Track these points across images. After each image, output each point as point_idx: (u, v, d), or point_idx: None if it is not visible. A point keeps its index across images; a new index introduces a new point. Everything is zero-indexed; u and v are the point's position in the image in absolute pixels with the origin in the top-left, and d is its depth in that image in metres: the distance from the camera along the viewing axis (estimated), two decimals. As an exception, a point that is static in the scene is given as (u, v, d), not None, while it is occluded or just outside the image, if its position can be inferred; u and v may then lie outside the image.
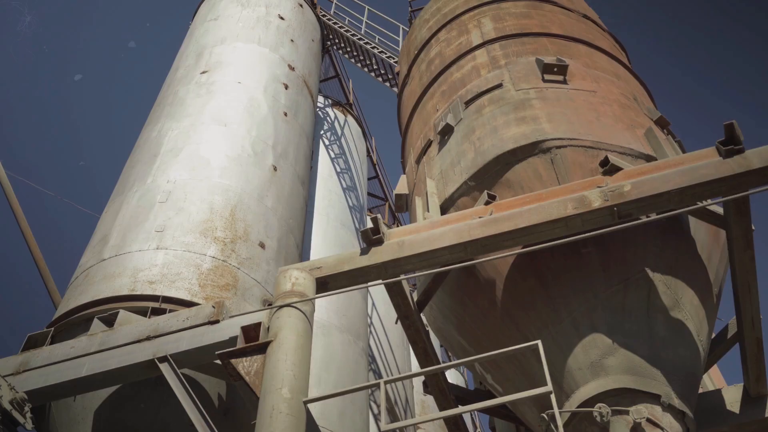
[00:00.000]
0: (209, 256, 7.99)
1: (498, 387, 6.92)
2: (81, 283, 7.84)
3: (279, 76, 12.03)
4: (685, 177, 6.03)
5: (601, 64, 8.57)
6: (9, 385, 5.55)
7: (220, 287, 7.73)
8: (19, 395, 5.55)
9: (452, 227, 6.34)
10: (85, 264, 8.17)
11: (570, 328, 6.16)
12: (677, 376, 6.08)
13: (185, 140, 9.71)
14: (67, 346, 6.55)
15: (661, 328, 6.25)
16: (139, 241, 8.06)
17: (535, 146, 6.92)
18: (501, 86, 7.91)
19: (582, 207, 6.08)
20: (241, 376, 5.52)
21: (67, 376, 6.20)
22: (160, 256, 7.82)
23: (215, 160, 9.40)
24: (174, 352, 6.09)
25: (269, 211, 9.25)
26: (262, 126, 10.56)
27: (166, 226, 8.22)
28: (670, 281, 6.45)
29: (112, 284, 7.51)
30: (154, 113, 11.05)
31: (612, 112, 7.45)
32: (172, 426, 6.81)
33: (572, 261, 6.39)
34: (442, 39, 9.85)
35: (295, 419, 5.03)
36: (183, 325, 6.31)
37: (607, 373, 5.95)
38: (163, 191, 8.78)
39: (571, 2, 10.30)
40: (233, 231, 8.48)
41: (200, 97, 10.71)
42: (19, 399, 5.53)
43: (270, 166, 9.97)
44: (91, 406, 6.79)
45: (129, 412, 6.74)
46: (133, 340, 6.33)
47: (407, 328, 6.98)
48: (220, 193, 8.88)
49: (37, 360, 6.48)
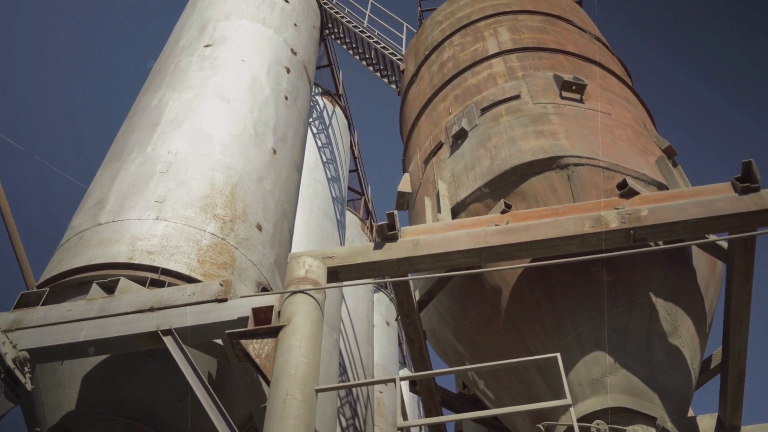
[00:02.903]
0: (209, 232, 7.87)
1: (490, 394, 6.99)
2: (75, 245, 7.64)
3: (282, 59, 11.91)
4: (702, 209, 6.18)
5: (614, 87, 8.72)
6: (11, 343, 5.38)
7: (218, 265, 7.62)
8: (21, 354, 5.39)
9: (468, 231, 6.38)
10: (79, 226, 7.96)
11: (574, 344, 6.26)
12: (672, 400, 6.23)
13: (187, 112, 9.54)
14: (64, 308, 6.39)
15: (659, 352, 6.39)
16: (138, 209, 7.89)
17: (553, 161, 7.01)
18: (519, 97, 7.98)
19: (599, 226, 6.18)
20: (251, 358, 5.47)
21: (63, 339, 6.04)
22: (160, 227, 7.67)
23: (217, 137, 9.26)
24: (179, 326, 5.99)
25: (267, 194, 9.16)
26: (264, 108, 10.43)
27: (166, 197, 8.06)
28: (671, 308, 6.61)
29: (110, 250, 7.34)
30: (153, 80, 10.83)
31: (626, 136, 7.59)
32: (161, 401, 6.69)
33: (581, 278, 6.49)
34: (456, 43, 9.88)
35: (308, 407, 5.00)
36: (189, 300, 6.22)
37: (607, 391, 6.06)
38: (163, 161, 8.61)
39: (583, 23, 10.45)
40: (233, 210, 8.37)
41: (203, 71, 10.53)
42: (21, 358, 5.37)
43: (270, 148, 9.87)
44: (79, 372, 6.62)
45: (118, 383, 6.60)
46: (135, 310, 6.20)
47: (407, 326, 7.00)
48: (221, 170, 8.76)
49: (32, 319, 6.30)
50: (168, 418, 6.69)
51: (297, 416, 4.87)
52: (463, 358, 7.25)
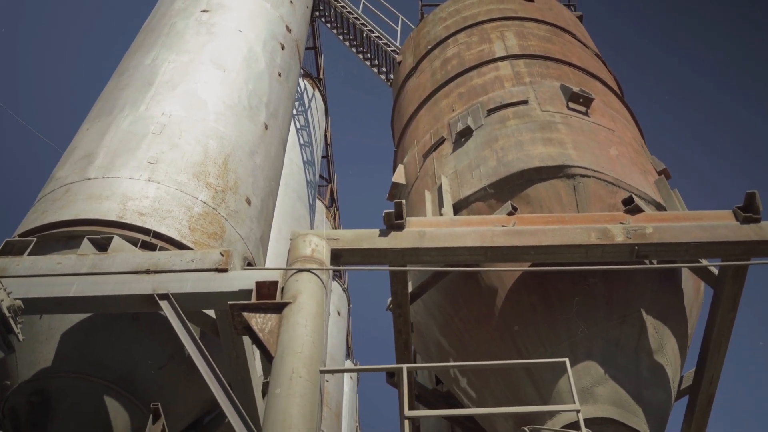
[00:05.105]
0: (200, 200, 7.68)
1: (472, 393, 6.99)
2: (60, 197, 7.35)
3: (277, 34, 11.71)
4: (705, 233, 6.31)
5: (615, 105, 8.85)
6: (5, 290, 5.13)
7: (209, 235, 7.44)
8: (16, 303, 5.15)
9: (475, 229, 6.37)
10: (65, 178, 7.66)
11: (567, 351, 6.32)
12: (653, 416, 6.35)
13: (183, 76, 9.29)
14: (53, 260, 6.14)
15: (645, 368, 6.51)
16: (130, 168, 7.64)
17: (560, 169, 7.06)
18: (527, 103, 8.02)
19: (605, 239, 6.26)
20: (253, 331, 5.35)
21: (52, 293, 5.81)
22: (152, 188, 7.44)
23: (212, 104, 9.04)
24: (177, 291, 5.82)
25: (258, 168, 8.99)
26: (259, 81, 10.24)
27: (159, 160, 7.83)
28: (659, 326, 6.73)
29: (99, 206, 7.08)
30: (146, 39, 10.50)
31: (628, 154, 7.70)
32: (141, 366, 6.50)
33: (579, 287, 6.56)
34: (461, 41, 9.88)
35: (313, 386, 4.92)
36: (187, 267, 6.05)
37: (596, 401, 6.13)
38: (157, 123, 8.36)
39: (585, 39, 10.58)
40: (225, 180, 8.19)
41: (200, 36, 10.27)
42: (16, 307, 5.12)
43: (262, 123, 9.69)
44: (58, 328, 6.37)
45: (99, 343, 6.37)
46: (130, 270, 6.00)
47: (397, 316, 6.95)
48: (215, 138, 8.55)
49: (18, 269, 6.03)
50: (147, 385, 6.50)
51: (303, 395, 4.78)
52: (447, 354, 7.25)
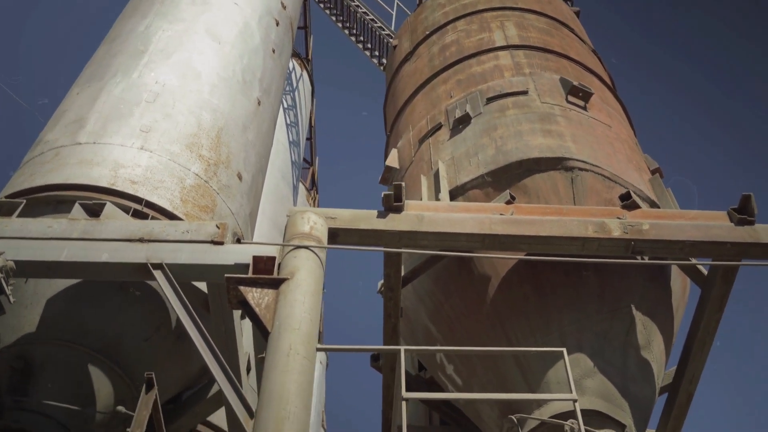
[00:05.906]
0: (193, 172, 7.55)
1: (457, 380, 6.99)
2: (50, 160, 7.18)
3: (272, 10, 11.55)
4: (700, 232, 6.36)
5: (611, 102, 8.87)
6: (-1, 251, 4.99)
7: (200, 207, 7.33)
8: (9, 264, 5.01)
9: (473, 216, 6.35)
10: (55, 142, 7.48)
11: (557, 342, 6.33)
12: (638, 411, 6.40)
13: (177, 45, 9.12)
14: (43, 223, 5.99)
15: (632, 363, 6.56)
16: (122, 135, 7.48)
17: (559, 161, 7.06)
18: (526, 93, 8.00)
19: (602, 232, 6.27)
20: (249, 305, 5.27)
21: (42, 256, 5.67)
22: (144, 157, 7.30)
23: (206, 75, 8.89)
24: (171, 262, 5.71)
25: (249, 144, 8.87)
26: (253, 56, 10.09)
27: (152, 128, 7.68)
28: (647, 322, 6.79)
29: (90, 172, 6.93)
30: (138, 5, 10.29)
31: (624, 151, 7.73)
32: (126, 336, 6.39)
33: (572, 279, 6.58)
34: (460, 28, 9.83)
35: (309, 363, 4.87)
36: (182, 237, 5.94)
37: (584, 393, 6.16)
38: (150, 91, 8.19)
39: (582, 34, 10.59)
40: (217, 153, 8.06)
41: (195, 5, 10.08)
42: (8, 268, 4.98)
43: (256, 98, 9.56)
44: (44, 293, 6.23)
45: (85, 311, 6.25)
46: (123, 238, 5.88)
47: (388, 300, 6.90)
48: (209, 111, 8.41)
49: (6, 230, 5.87)
50: (132, 355, 6.40)
51: (300, 371, 4.73)
52: (434, 340, 7.23)
